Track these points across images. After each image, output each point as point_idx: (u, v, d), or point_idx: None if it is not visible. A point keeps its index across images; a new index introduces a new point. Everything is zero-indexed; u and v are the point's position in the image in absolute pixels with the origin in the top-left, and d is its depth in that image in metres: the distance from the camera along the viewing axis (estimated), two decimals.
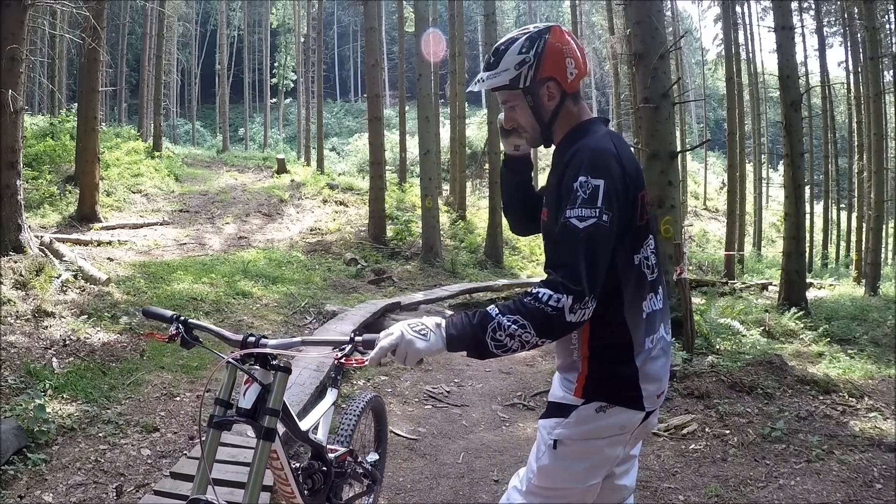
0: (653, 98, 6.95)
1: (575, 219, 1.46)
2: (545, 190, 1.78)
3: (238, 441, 3.51)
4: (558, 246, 1.48)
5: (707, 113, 45.07)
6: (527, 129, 1.73)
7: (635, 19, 7.04)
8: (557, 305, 1.40)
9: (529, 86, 1.64)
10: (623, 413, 1.62)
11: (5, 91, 6.76)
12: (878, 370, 5.79)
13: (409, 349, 1.45)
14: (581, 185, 1.48)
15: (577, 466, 1.64)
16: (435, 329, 1.48)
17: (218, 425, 1.70)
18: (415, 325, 1.48)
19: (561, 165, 1.61)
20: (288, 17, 41.57)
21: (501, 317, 1.43)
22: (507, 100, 1.70)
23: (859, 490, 3.16)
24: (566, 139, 1.69)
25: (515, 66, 1.63)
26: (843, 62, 25.75)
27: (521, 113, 1.70)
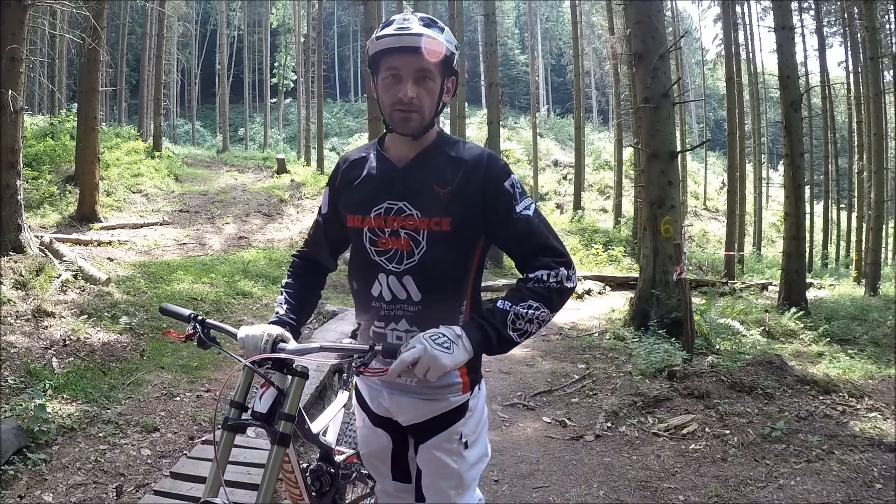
0: (653, 98, 6.95)
1: (525, 210, 1.60)
2: (408, 197, 1.61)
3: (238, 441, 3.50)
4: (527, 237, 1.60)
5: (707, 113, 45.06)
6: (423, 109, 1.57)
7: (635, 19, 7.04)
8: (558, 278, 1.56)
9: (449, 71, 1.60)
10: (480, 388, 1.77)
11: (5, 91, 6.76)
12: (878, 370, 5.79)
13: (433, 364, 1.41)
14: (511, 185, 1.60)
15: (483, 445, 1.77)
16: (457, 339, 1.47)
17: (232, 428, 1.69)
18: (436, 337, 1.45)
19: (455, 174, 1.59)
20: (288, 17, 41.56)
21: (515, 307, 1.52)
22: (427, 69, 1.54)
23: (859, 490, 3.16)
24: (442, 143, 1.66)
25: (455, 45, 1.59)
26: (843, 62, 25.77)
27: (429, 89, 1.57)
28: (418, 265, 1.60)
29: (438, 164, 1.62)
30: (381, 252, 1.64)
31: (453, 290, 1.65)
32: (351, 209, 1.69)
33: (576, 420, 4.54)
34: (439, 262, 1.60)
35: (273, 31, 43.27)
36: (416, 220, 1.60)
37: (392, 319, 1.66)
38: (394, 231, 1.62)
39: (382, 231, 1.63)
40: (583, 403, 4.89)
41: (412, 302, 1.63)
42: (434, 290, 1.62)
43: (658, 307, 7.10)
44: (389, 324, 1.66)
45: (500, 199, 1.59)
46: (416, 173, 1.62)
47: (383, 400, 1.77)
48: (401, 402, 1.73)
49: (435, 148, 1.65)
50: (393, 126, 1.60)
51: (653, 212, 7.20)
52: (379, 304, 1.66)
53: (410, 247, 1.61)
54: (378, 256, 1.64)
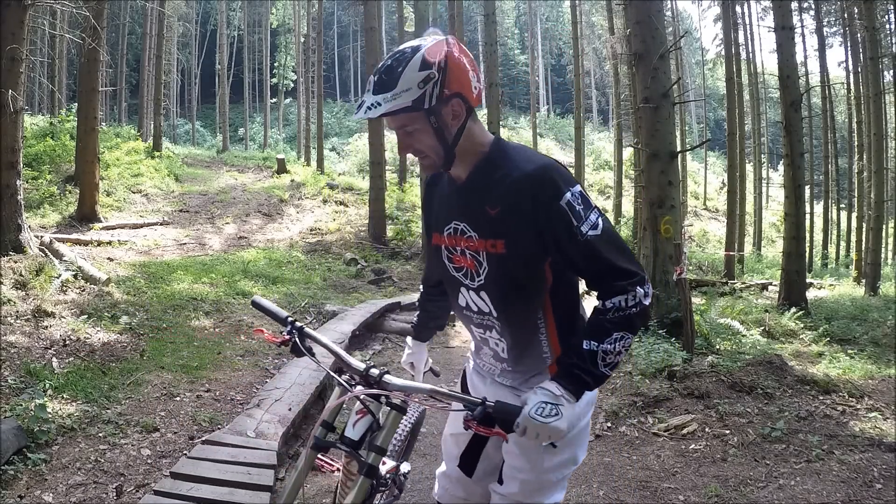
0: (653, 98, 6.95)
1: (591, 231, 1.48)
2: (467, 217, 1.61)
3: (238, 441, 3.51)
4: (595, 260, 1.51)
5: (707, 113, 45.04)
6: (428, 153, 1.54)
7: (635, 19, 7.04)
8: (636, 301, 1.50)
9: (434, 105, 1.45)
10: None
11: (5, 91, 6.76)
12: (878, 370, 5.79)
13: (553, 434, 1.43)
14: (568, 202, 1.47)
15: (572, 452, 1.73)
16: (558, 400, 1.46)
17: (317, 447, 1.66)
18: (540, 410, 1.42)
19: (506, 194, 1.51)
20: (288, 17, 41.55)
21: (601, 345, 1.49)
22: (404, 124, 1.50)
23: (859, 490, 3.16)
24: (488, 162, 1.57)
25: (419, 83, 1.43)
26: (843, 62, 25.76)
27: (421, 137, 1.51)
28: (486, 283, 1.63)
29: (490, 182, 1.56)
30: (457, 269, 1.69)
31: (526, 307, 1.63)
32: (432, 227, 1.75)
33: None
34: (504, 282, 1.60)
35: (273, 31, 43.25)
36: (475, 242, 1.60)
37: (486, 328, 1.72)
38: (462, 250, 1.65)
39: (455, 249, 1.66)
40: None
41: (493, 315, 1.68)
42: (507, 306, 1.64)
43: (658, 307, 7.10)
44: (486, 331, 1.74)
45: (557, 222, 1.48)
46: (471, 193, 1.59)
47: (483, 387, 1.84)
48: (497, 393, 1.76)
49: (486, 164, 1.57)
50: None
51: (653, 212, 7.20)
52: (470, 314, 1.74)
53: (476, 266, 1.63)
54: (456, 273, 1.69)
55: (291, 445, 3.89)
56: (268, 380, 4.97)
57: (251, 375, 5.20)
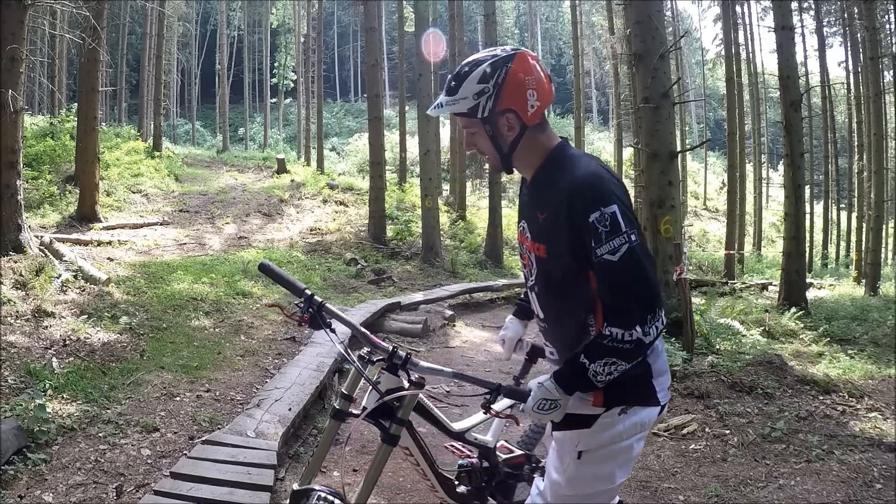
0: (653, 98, 6.94)
1: (607, 255, 1.48)
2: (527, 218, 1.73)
3: (238, 441, 3.51)
4: (604, 284, 1.53)
5: (707, 113, 45.05)
6: (487, 154, 1.69)
7: (635, 19, 7.04)
8: (633, 339, 1.49)
9: (488, 116, 1.59)
10: (642, 411, 1.68)
11: (5, 91, 6.76)
12: (878, 370, 5.79)
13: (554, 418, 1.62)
14: (598, 220, 1.48)
15: (605, 469, 1.69)
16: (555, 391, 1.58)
17: (336, 416, 1.82)
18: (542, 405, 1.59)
19: (552, 201, 1.58)
20: (288, 17, 41.55)
21: (592, 364, 1.52)
22: (466, 125, 1.67)
23: (859, 490, 3.16)
24: (545, 171, 1.65)
25: (474, 95, 1.58)
26: (843, 62, 25.74)
27: (480, 139, 1.66)
28: (535, 285, 1.74)
29: (543, 189, 1.64)
30: (523, 265, 1.81)
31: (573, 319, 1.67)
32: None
33: None
34: (548, 286, 1.69)
35: (273, 31, 43.27)
36: (529, 243, 1.71)
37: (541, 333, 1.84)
38: (524, 248, 1.76)
39: (522, 247, 1.78)
40: None
41: (540, 318, 1.78)
42: (551, 311, 1.73)
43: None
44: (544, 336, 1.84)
45: (584, 236, 1.51)
46: (531, 197, 1.70)
47: None
48: None
49: (543, 171, 1.66)
50: None
51: (653, 212, 7.19)
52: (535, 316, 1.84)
53: (530, 266, 1.74)
54: (524, 269, 1.80)
55: (291, 445, 3.89)
56: (268, 380, 4.97)
57: (251, 375, 5.20)
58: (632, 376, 1.63)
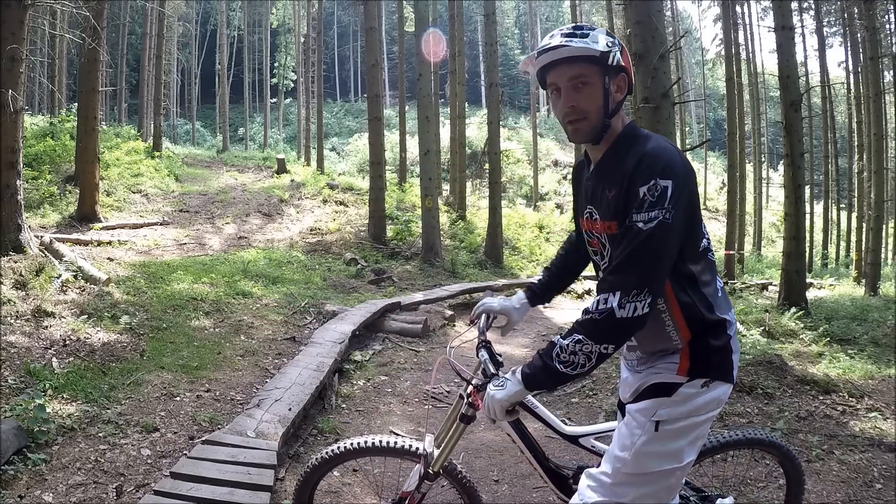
0: (653, 98, 6.95)
1: (640, 222, 1.48)
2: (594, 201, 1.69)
3: (238, 441, 3.51)
4: (620, 248, 1.53)
5: (707, 113, 45.05)
6: (589, 112, 1.60)
7: (635, 19, 7.04)
8: (605, 307, 1.48)
9: (613, 66, 1.58)
10: (721, 387, 1.67)
11: (5, 91, 6.76)
12: (878, 370, 5.79)
13: (491, 403, 1.62)
14: (649, 189, 1.47)
15: (676, 445, 1.63)
16: (511, 376, 1.62)
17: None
18: (497, 381, 1.65)
19: (621, 174, 1.55)
20: (288, 17, 41.57)
21: (562, 340, 1.53)
22: (581, 74, 1.58)
23: (859, 490, 3.16)
24: (617, 147, 1.63)
25: (608, 43, 1.58)
26: (843, 62, 25.74)
27: (589, 93, 1.59)
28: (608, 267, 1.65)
29: (613, 167, 1.61)
30: (594, 252, 1.77)
31: None
32: (580, 213, 1.81)
33: (576, 420, 4.54)
34: None
35: (273, 31, 43.28)
36: (599, 224, 1.67)
37: None
38: (593, 233, 1.73)
39: (592, 234, 1.74)
40: (583, 403, 4.88)
41: None
42: None
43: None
44: None
45: (629, 203, 1.51)
46: (599, 177, 1.66)
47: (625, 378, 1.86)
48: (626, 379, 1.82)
49: (614, 149, 1.64)
50: (569, 138, 1.67)
51: None
52: None
53: (602, 249, 1.70)
54: (594, 256, 1.78)
55: (291, 445, 3.89)
56: (268, 380, 4.97)
57: (251, 375, 5.20)
58: (716, 348, 1.65)
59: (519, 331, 7.96)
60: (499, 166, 14.56)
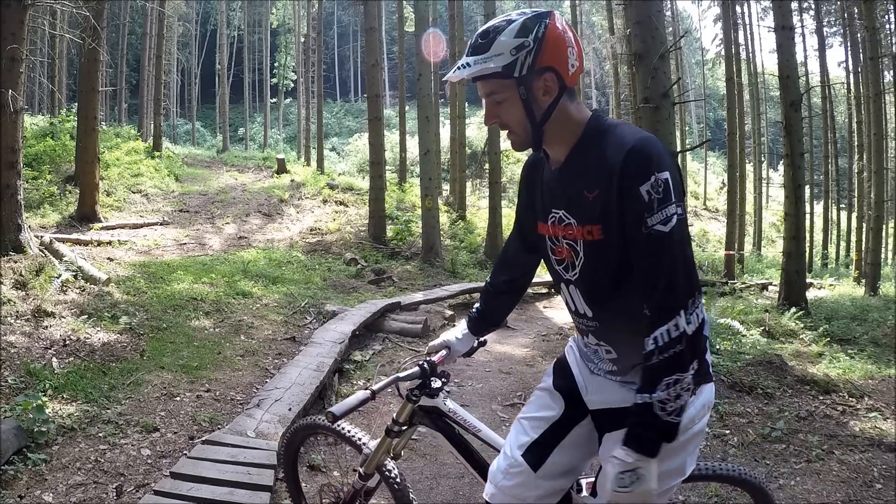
0: (653, 98, 6.95)
1: (659, 225, 1.34)
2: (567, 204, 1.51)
3: (238, 441, 3.51)
4: (650, 260, 1.37)
5: (707, 113, 45.06)
6: (513, 128, 1.48)
7: (635, 19, 7.04)
8: (678, 332, 1.35)
9: (525, 75, 1.41)
10: (705, 388, 1.57)
11: (5, 91, 6.76)
12: (878, 370, 5.79)
13: (645, 496, 1.37)
14: (652, 186, 1.34)
15: (681, 459, 1.54)
16: (636, 464, 1.36)
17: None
18: (620, 482, 1.37)
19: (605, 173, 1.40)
20: (288, 17, 41.56)
21: (653, 394, 1.36)
22: (493, 91, 1.46)
23: (859, 490, 3.16)
24: (588, 142, 1.47)
25: (511, 50, 1.40)
26: (843, 62, 25.75)
27: (509, 108, 1.46)
28: (580, 277, 1.53)
29: (588, 164, 1.45)
30: (558, 261, 1.59)
31: (628, 309, 1.48)
32: (538, 216, 1.63)
33: None
34: (599, 274, 1.49)
35: (273, 31, 43.27)
36: (573, 230, 1.50)
37: (584, 332, 1.63)
38: (560, 240, 1.55)
39: (556, 240, 1.57)
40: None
41: (588, 317, 1.58)
42: (601, 303, 1.53)
43: None
44: (584, 337, 1.64)
45: (632, 206, 1.36)
46: (570, 178, 1.49)
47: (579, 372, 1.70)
48: (597, 382, 1.65)
49: (583, 145, 1.47)
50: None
51: None
52: (573, 315, 1.64)
53: (572, 257, 1.53)
54: (558, 266, 1.59)
55: None
56: (268, 380, 4.97)
57: (251, 375, 5.20)
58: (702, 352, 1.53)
59: (519, 331, 7.97)
60: (499, 166, 14.56)
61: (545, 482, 1.65)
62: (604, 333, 1.58)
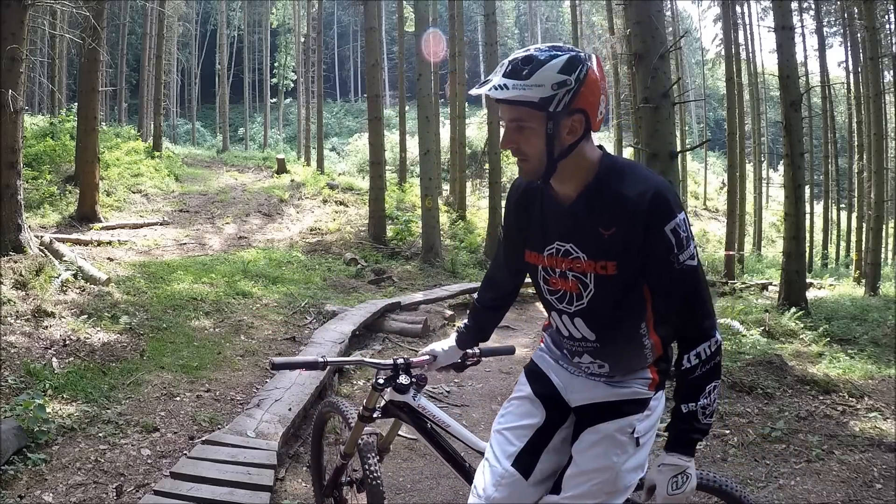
0: (653, 98, 6.95)
1: (689, 260, 1.48)
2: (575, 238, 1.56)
3: (238, 441, 3.51)
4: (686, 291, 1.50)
5: (707, 113, 45.06)
6: (529, 157, 1.49)
7: (635, 19, 7.04)
8: (717, 345, 1.53)
9: (559, 112, 1.43)
10: (662, 393, 1.73)
11: (5, 91, 6.76)
12: (878, 370, 5.79)
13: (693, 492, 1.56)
14: (677, 225, 1.46)
15: (645, 454, 1.68)
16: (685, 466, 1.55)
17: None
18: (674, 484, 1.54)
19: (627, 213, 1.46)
20: (288, 17, 41.56)
21: (698, 402, 1.53)
22: (520, 118, 1.46)
23: (859, 490, 3.16)
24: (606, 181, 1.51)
25: (553, 85, 1.41)
26: (843, 62, 25.75)
27: (531, 137, 1.47)
28: (587, 308, 1.60)
29: (603, 203, 1.50)
30: (552, 292, 1.65)
31: (629, 330, 1.62)
32: (528, 245, 1.67)
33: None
34: (608, 305, 1.58)
35: (273, 31, 43.27)
36: (582, 263, 1.55)
37: (576, 353, 1.71)
38: (563, 273, 1.59)
39: (553, 271, 1.62)
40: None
41: (588, 340, 1.65)
42: (608, 329, 1.63)
43: None
44: (575, 357, 1.72)
45: (659, 246, 1.46)
46: (582, 214, 1.53)
47: (556, 376, 1.79)
48: (579, 382, 1.74)
49: (598, 184, 1.52)
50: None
51: None
52: (561, 338, 1.73)
53: (579, 289, 1.59)
54: (550, 295, 1.66)
55: (291, 445, 3.90)
56: (268, 380, 4.97)
57: (251, 375, 5.20)
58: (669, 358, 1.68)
59: (519, 331, 7.97)
60: (499, 166, 14.56)
61: (534, 488, 1.69)
62: (601, 353, 1.66)
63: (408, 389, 2.02)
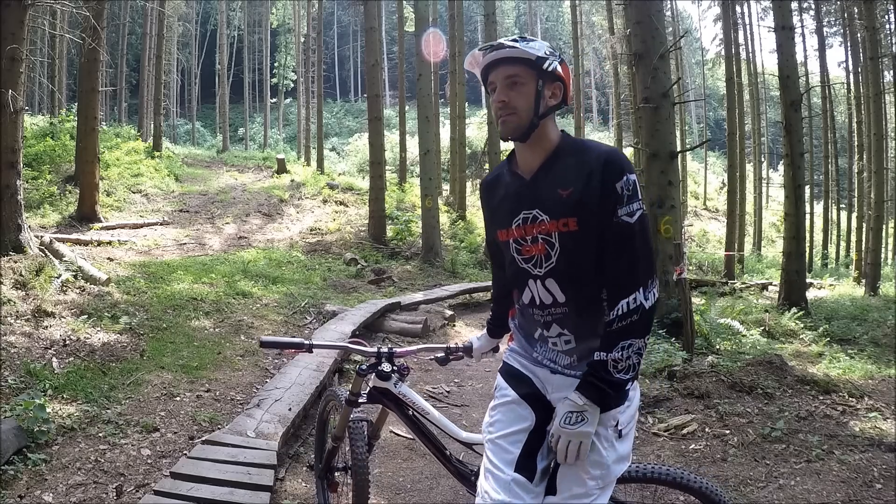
0: (653, 98, 6.95)
1: (625, 216, 1.60)
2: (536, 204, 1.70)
3: (238, 441, 3.51)
4: (616, 247, 1.61)
5: (707, 113, 45.05)
6: (518, 110, 1.68)
7: (635, 19, 7.04)
8: (636, 304, 1.59)
9: (549, 72, 1.67)
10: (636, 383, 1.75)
11: (5, 91, 6.76)
12: (878, 370, 5.79)
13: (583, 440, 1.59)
14: (624, 184, 1.60)
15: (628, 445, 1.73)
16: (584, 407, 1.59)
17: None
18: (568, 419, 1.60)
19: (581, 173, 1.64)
20: (288, 17, 41.57)
21: (610, 354, 1.59)
22: (514, 74, 1.68)
23: (859, 490, 3.15)
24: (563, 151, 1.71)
25: (547, 50, 1.68)
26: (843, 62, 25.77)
27: (522, 93, 1.67)
28: (556, 266, 1.71)
29: (562, 168, 1.69)
30: (526, 259, 1.76)
31: (592, 290, 1.70)
32: (497, 224, 1.83)
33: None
34: (575, 262, 1.68)
35: (273, 31, 43.28)
36: (547, 224, 1.69)
37: (545, 326, 1.78)
38: (533, 238, 1.73)
39: (525, 240, 1.75)
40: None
41: (558, 304, 1.74)
42: (576, 288, 1.71)
43: (658, 307, 7.09)
44: (548, 328, 1.78)
45: (608, 199, 1.60)
46: (543, 180, 1.71)
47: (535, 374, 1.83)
48: (558, 380, 1.78)
49: (558, 153, 1.72)
50: (500, 134, 1.73)
51: (653, 212, 7.20)
52: (532, 310, 1.79)
53: (547, 250, 1.71)
54: (525, 263, 1.77)
55: (291, 445, 3.90)
56: (268, 380, 4.97)
57: (251, 375, 5.20)
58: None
59: None
60: None
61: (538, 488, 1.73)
62: (569, 320, 1.73)
63: (389, 377, 2.16)
